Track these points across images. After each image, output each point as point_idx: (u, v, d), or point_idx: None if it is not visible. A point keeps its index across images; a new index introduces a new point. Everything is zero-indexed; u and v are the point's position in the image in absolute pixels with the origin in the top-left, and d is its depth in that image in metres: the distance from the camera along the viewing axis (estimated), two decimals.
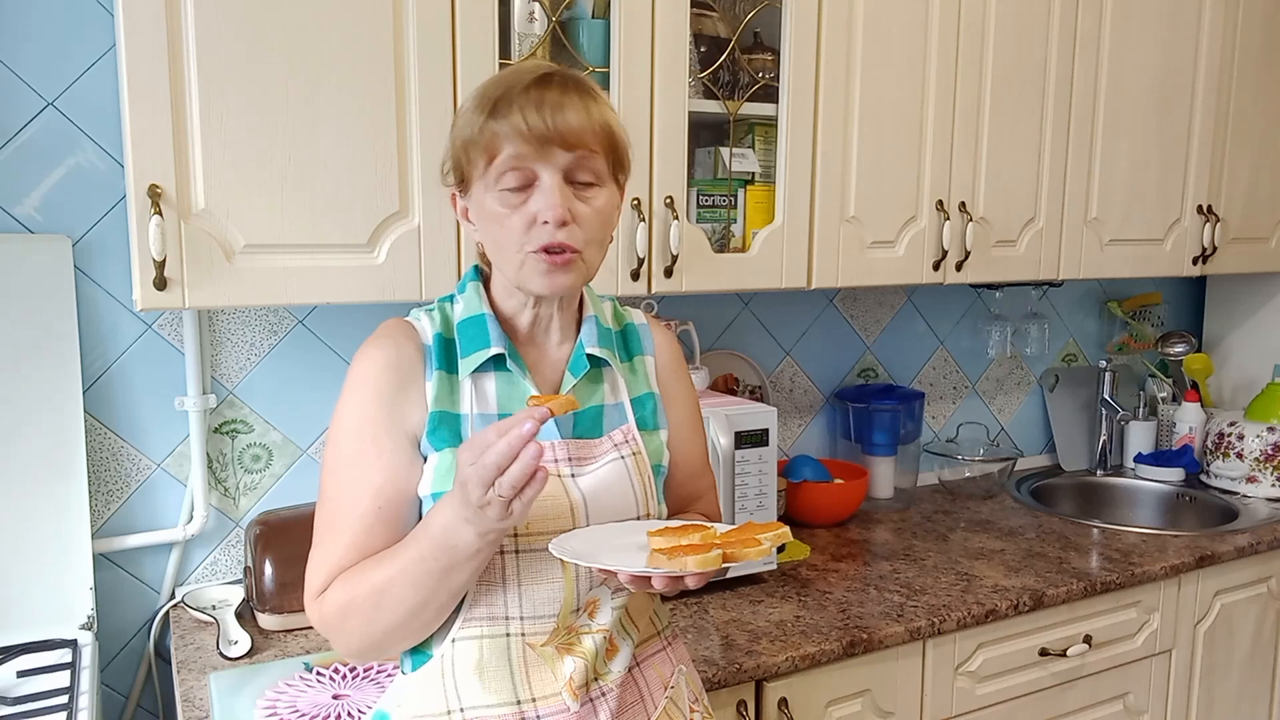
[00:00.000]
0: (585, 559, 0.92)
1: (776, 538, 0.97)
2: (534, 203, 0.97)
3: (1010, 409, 2.62)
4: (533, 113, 0.95)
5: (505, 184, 0.98)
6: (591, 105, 0.98)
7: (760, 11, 1.73)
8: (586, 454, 1.05)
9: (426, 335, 1.04)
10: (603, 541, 0.99)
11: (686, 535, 0.97)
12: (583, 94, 0.98)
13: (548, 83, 0.97)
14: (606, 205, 1.02)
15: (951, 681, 1.69)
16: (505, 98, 0.97)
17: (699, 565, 0.91)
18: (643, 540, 1.00)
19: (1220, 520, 2.25)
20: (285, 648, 1.50)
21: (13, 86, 1.50)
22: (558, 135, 0.95)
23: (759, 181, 1.79)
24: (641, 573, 0.92)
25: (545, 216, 0.97)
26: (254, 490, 1.73)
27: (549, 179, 0.97)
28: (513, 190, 0.98)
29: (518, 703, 0.99)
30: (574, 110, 0.96)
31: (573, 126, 0.96)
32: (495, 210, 0.99)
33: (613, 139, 1.00)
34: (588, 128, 0.97)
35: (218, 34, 1.30)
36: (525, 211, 0.98)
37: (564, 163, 0.97)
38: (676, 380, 1.18)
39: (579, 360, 1.07)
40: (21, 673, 1.39)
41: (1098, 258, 2.16)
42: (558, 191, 0.97)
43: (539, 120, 0.95)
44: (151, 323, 1.63)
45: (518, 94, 0.96)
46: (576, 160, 0.98)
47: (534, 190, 0.98)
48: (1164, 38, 2.16)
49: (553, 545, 0.95)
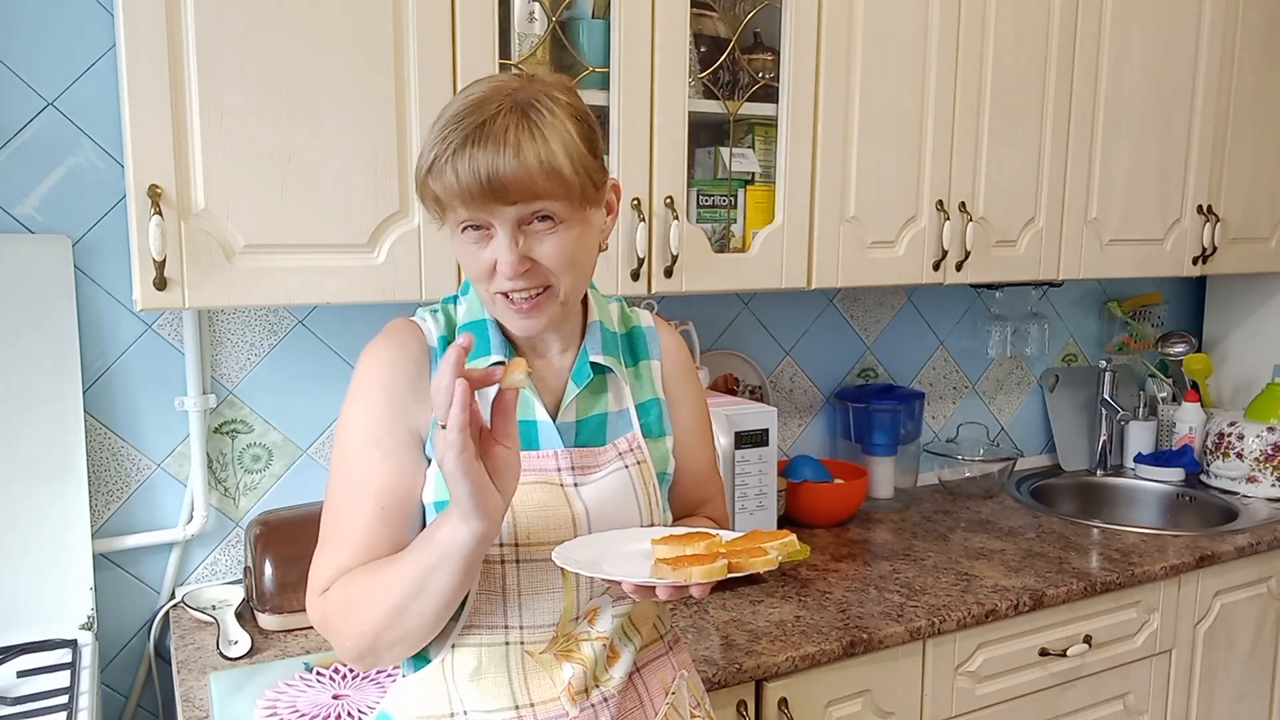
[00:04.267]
0: (589, 569, 0.91)
1: (782, 547, 0.96)
2: (488, 252, 0.95)
3: (1010, 409, 2.62)
4: (467, 175, 0.90)
5: (464, 234, 0.96)
6: (530, 144, 0.91)
7: (760, 11, 1.73)
8: (590, 463, 1.04)
9: (432, 337, 1.03)
10: (607, 549, 0.98)
11: (692, 544, 0.96)
12: (529, 136, 0.91)
13: (480, 137, 0.90)
14: (573, 238, 0.97)
15: (951, 681, 1.69)
16: (440, 159, 0.92)
17: (704, 576, 0.90)
18: (647, 548, 0.99)
19: (1220, 520, 2.25)
20: (285, 648, 1.50)
21: (13, 86, 1.50)
22: (499, 193, 0.91)
23: (759, 181, 1.79)
24: (646, 583, 0.91)
25: (501, 269, 0.95)
26: (254, 490, 1.73)
27: (500, 230, 0.94)
28: (472, 233, 0.96)
29: (516, 708, 0.99)
30: (512, 162, 0.90)
31: (514, 181, 0.90)
32: (460, 250, 0.98)
33: (560, 180, 0.92)
34: (530, 177, 0.91)
35: (218, 34, 1.30)
36: (484, 256, 0.96)
37: (511, 215, 0.93)
38: (684, 384, 1.16)
39: (582, 368, 1.05)
40: (21, 673, 1.39)
41: (1098, 258, 2.16)
42: (509, 245, 0.93)
43: (475, 183, 0.90)
44: (151, 323, 1.63)
45: (452, 156, 0.91)
46: (523, 209, 0.93)
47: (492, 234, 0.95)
48: (1164, 38, 2.16)
49: (556, 554, 0.94)
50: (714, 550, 0.95)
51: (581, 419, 1.06)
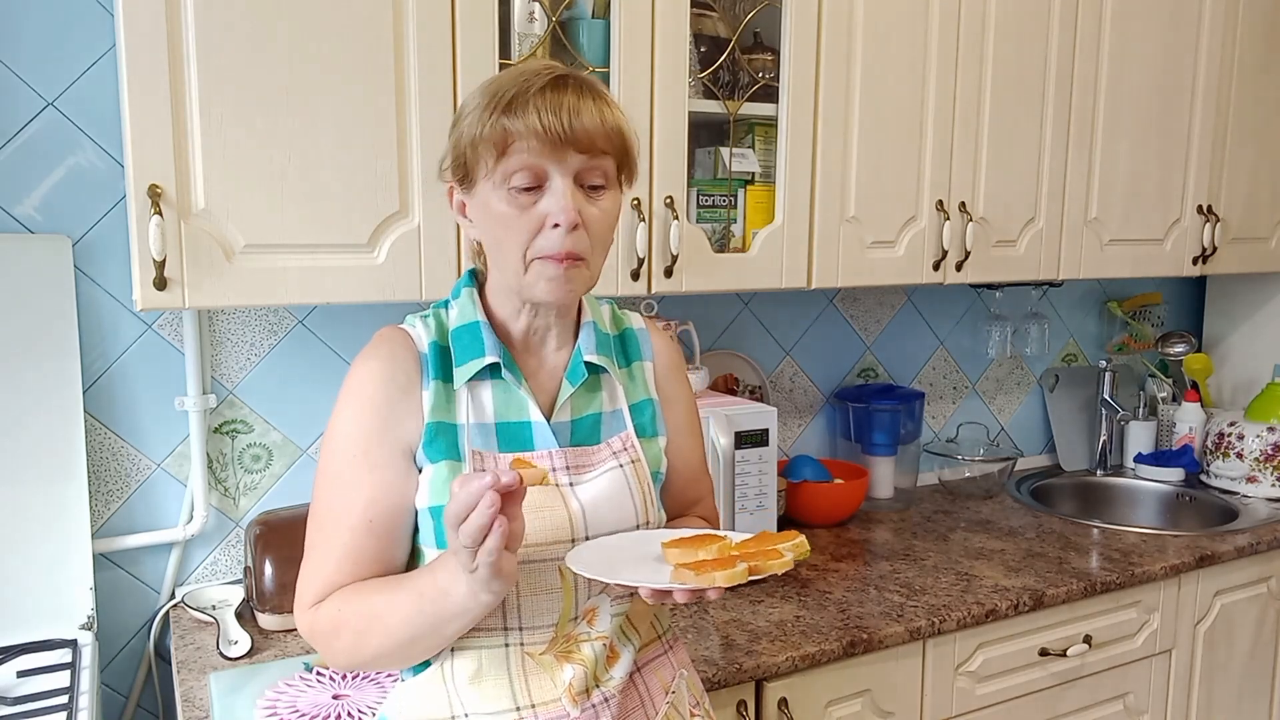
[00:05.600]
0: (606, 575, 0.91)
1: (795, 548, 0.96)
2: (544, 204, 0.96)
3: (1010, 409, 2.62)
4: (549, 114, 0.94)
5: (515, 183, 0.96)
6: (605, 109, 0.98)
7: (760, 11, 1.73)
8: (585, 462, 1.04)
9: (422, 343, 1.03)
10: (617, 554, 0.98)
11: (704, 547, 0.96)
12: (596, 97, 0.98)
13: (563, 84, 0.96)
14: (613, 209, 1.02)
15: (951, 681, 1.69)
16: (520, 96, 0.95)
17: (727, 581, 0.90)
18: (657, 551, 0.99)
19: (1220, 520, 2.25)
20: (285, 648, 1.50)
21: (13, 86, 1.50)
22: (573, 137, 0.94)
23: (759, 181, 1.79)
24: (666, 588, 0.91)
25: (557, 219, 0.95)
26: (254, 490, 1.73)
27: (560, 181, 0.96)
28: (522, 190, 0.96)
29: (517, 709, 0.99)
30: (589, 113, 0.96)
31: (588, 129, 0.95)
32: (501, 210, 0.97)
33: (625, 143, 1.00)
34: (601, 131, 0.96)
35: (218, 34, 1.30)
36: (534, 213, 0.96)
37: (576, 165, 0.96)
38: (675, 385, 1.17)
39: (576, 368, 1.06)
40: (21, 673, 1.39)
41: (1098, 258, 2.16)
42: (569, 194, 0.96)
43: (556, 121, 0.94)
44: (151, 323, 1.63)
45: (534, 94, 0.95)
46: (589, 163, 0.97)
47: (544, 191, 0.96)
48: (1164, 38, 2.16)
49: (569, 560, 0.94)
50: (725, 553, 0.95)
51: (576, 418, 1.06)
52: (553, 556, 1.00)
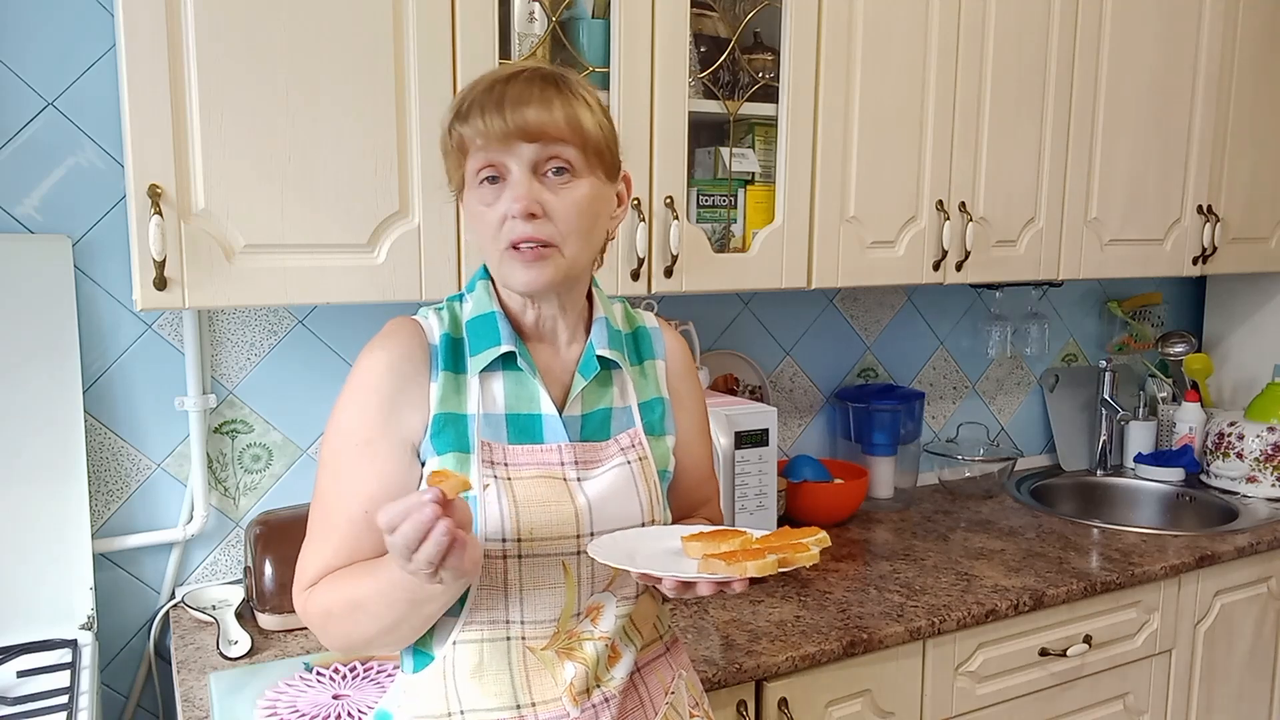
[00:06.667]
0: (630, 564, 0.92)
1: (819, 542, 0.97)
2: (502, 201, 0.98)
3: (1010, 409, 2.62)
4: (492, 109, 0.96)
5: (483, 180, 0.99)
6: (558, 97, 0.97)
7: (760, 11, 1.73)
8: (593, 457, 1.05)
9: (433, 335, 1.03)
10: (637, 546, 0.98)
11: (725, 541, 0.97)
12: (549, 87, 0.98)
13: (514, 79, 0.98)
14: (585, 196, 1.00)
15: (951, 681, 1.69)
16: (468, 99, 0.98)
17: (759, 571, 0.91)
18: (675, 546, 1.00)
19: (1220, 520, 2.25)
20: (285, 648, 1.50)
21: (13, 86, 1.50)
22: (518, 128, 0.95)
23: (759, 181, 1.79)
24: (691, 578, 0.92)
25: (512, 211, 0.97)
26: (254, 490, 1.73)
27: (516, 172, 0.97)
28: (488, 186, 0.99)
29: (517, 707, 0.99)
30: (535, 103, 0.96)
31: (529, 120, 0.96)
32: (475, 209, 1.01)
33: (581, 131, 0.98)
34: (548, 120, 0.96)
35: (218, 34, 1.29)
36: (497, 209, 0.98)
37: (530, 155, 0.97)
38: (687, 386, 1.17)
39: (589, 361, 1.06)
40: (21, 673, 1.39)
41: (1098, 258, 2.16)
42: (523, 183, 0.97)
43: (497, 114, 0.95)
44: (151, 323, 1.63)
45: (479, 93, 0.98)
46: (542, 151, 0.97)
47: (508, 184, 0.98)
48: (1164, 38, 2.16)
49: (591, 549, 0.96)
50: (748, 547, 0.96)
51: (587, 413, 1.06)
52: (557, 551, 1.00)
